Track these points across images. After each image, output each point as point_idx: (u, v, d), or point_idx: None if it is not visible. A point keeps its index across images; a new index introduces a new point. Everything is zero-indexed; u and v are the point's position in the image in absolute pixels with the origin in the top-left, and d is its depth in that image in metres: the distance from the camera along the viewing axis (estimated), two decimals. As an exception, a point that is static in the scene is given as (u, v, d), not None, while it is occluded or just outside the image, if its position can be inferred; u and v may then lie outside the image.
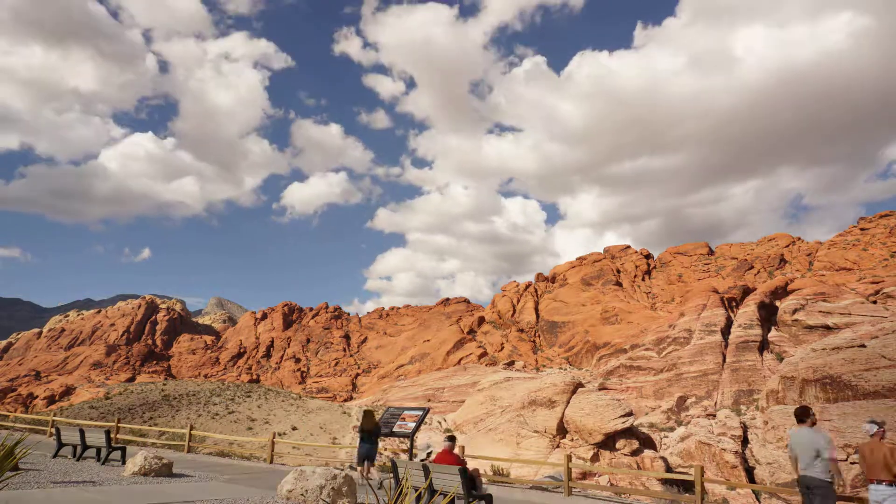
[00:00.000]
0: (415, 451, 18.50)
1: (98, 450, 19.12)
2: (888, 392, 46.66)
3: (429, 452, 14.35)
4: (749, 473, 48.03)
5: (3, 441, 7.66)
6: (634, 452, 39.51)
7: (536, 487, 20.57)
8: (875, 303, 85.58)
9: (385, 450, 25.05)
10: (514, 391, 47.49)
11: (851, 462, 39.11)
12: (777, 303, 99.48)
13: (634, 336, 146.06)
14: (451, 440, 12.94)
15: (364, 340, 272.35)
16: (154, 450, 26.10)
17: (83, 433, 19.04)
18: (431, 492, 10.88)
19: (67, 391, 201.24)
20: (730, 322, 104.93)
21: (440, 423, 79.16)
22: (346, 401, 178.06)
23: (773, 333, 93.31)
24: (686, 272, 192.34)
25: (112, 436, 19.63)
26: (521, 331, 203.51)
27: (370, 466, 17.00)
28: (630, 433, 40.91)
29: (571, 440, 40.91)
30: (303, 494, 11.08)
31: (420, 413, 20.84)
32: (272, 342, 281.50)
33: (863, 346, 51.76)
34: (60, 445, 19.89)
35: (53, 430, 22.93)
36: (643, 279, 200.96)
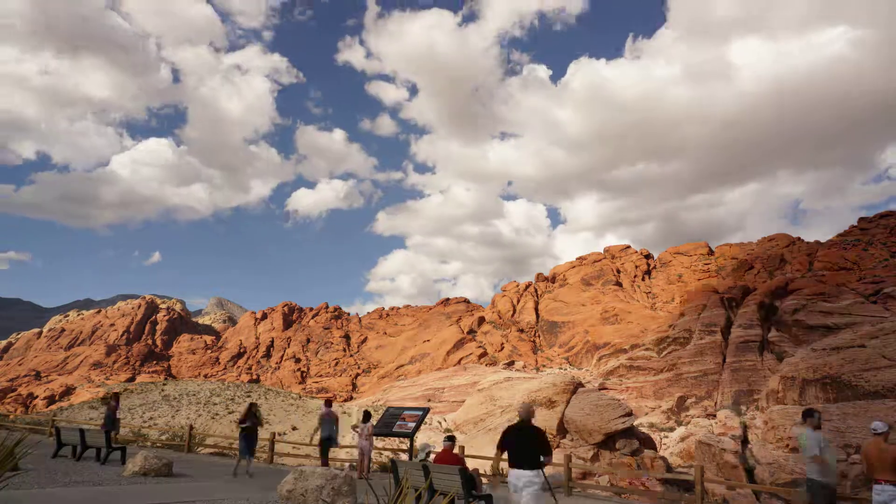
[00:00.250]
0: (415, 452, 18.52)
1: (98, 450, 19.13)
2: (888, 392, 46.67)
3: (427, 452, 14.31)
4: (749, 473, 48.03)
5: (4, 441, 7.66)
6: (634, 452, 39.53)
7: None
8: (875, 303, 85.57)
9: (385, 450, 25.03)
10: (514, 391, 47.49)
11: (852, 462, 39.09)
12: (777, 303, 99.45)
13: (634, 336, 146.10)
14: (451, 440, 12.94)
15: (364, 340, 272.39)
16: (154, 450, 26.10)
17: (83, 433, 19.04)
18: (431, 492, 10.88)
19: (67, 391, 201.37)
20: (730, 322, 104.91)
21: (440, 423, 79.13)
22: (347, 401, 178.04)
23: (773, 333, 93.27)
24: (686, 272, 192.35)
25: (112, 436, 19.62)
26: (521, 331, 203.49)
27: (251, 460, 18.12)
28: (630, 433, 40.93)
29: (571, 440, 40.92)
30: (303, 494, 11.08)
31: (420, 413, 20.85)
32: (272, 342, 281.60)
33: (863, 346, 51.77)
34: (60, 445, 19.89)
35: (53, 430, 22.97)
36: (643, 279, 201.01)
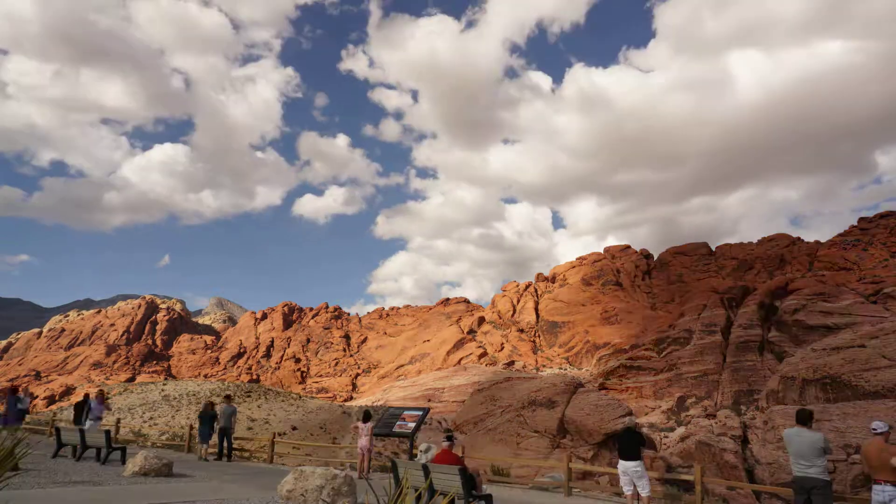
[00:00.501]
0: (415, 452, 18.52)
1: (98, 450, 19.12)
2: (888, 392, 46.64)
3: (428, 447, 14.30)
4: (749, 473, 48.01)
5: (3, 441, 7.66)
6: (634, 452, 39.48)
7: (536, 487, 20.57)
8: (875, 303, 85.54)
9: (385, 450, 25.06)
10: (514, 391, 47.46)
11: (851, 462, 39.08)
12: (777, 303, 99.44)
13: (634, 336, 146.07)
14: (451, 440, 12.93)
15: (364, 340, 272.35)
16: (154, 450, 26.09)
17: (83, 433, 19.05)
18: (431, 492, 10.87)
19: (67, 391, 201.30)
20: (730, 322, 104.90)
21: (440, 423, 79.17)
22: (347, 401, 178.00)
23: (773, 333, 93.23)
24: (686, 272, 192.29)
25: (112, 436, 19.63)
26: (521, 331, 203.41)
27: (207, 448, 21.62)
28: (630, 433, 40.88)
29: (571, 440, 40.91)
30: (303, 494, 11.08)
31: (420, 413, 20.85)
32: (272, 342, 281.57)
33: (863, 346, 51.74)
34: (60, 445, 19.89)
35: (53, 431, 22.95)
36: (643, 279, 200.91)
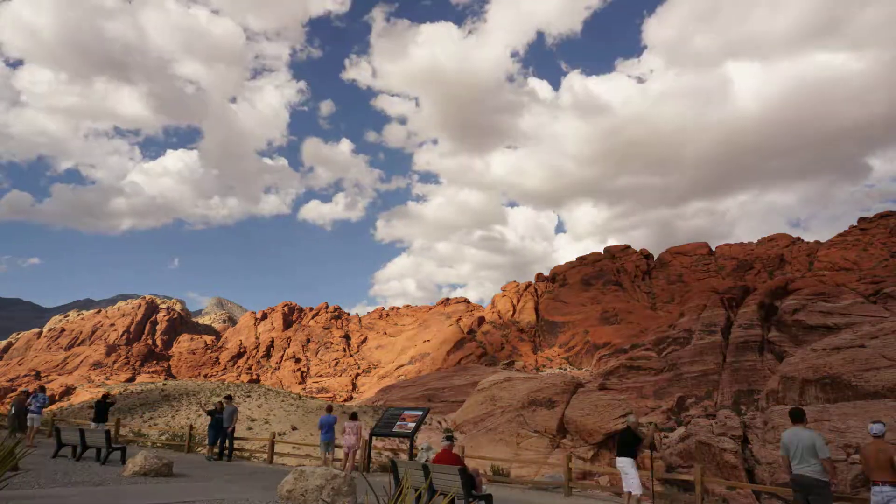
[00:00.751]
0: (415, 452, 18.53)
1: (98, 450, 19.11)
2: (888, 392, 46.64)
3: (428, 447, 14.30)
4: (749, 473, 48.00)
5: (3, 441, 7.67)
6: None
7: (536, 487, 20.58)
8: (875, 303, 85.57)
9: (385, 450, 25.06)
10: (514, 391, 47.46)
11: (851, 462, 39.06)
12: (777, 303, 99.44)
13: (634, 336, 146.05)
14: (450, 440, 12.93)
15: (364, 340, 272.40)
16: (154, 450, 26.09)
17: (83, 433, 19.03)
18: (431, 492, 10.87)
19: (67, 391, 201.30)
20: (730, 322, 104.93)
21: (440, 423, 79.18)
22: (347, 401, 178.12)
23: (773, 333, 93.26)
24: (686, 272, 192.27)
25: (112, 436, 19.63)
26: (521, 331, 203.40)
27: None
28: (630, 433, 40.91)
29: (571, 440, 40.92)
30: (303, 494, 11.08)
31: (420, 413, 20.86)
32: (272, 342, 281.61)
33: (863, 347, 51.75)
34: (60, 445, 19.89)
35: (53, 431, 22.97)
36: (643, 279, 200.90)
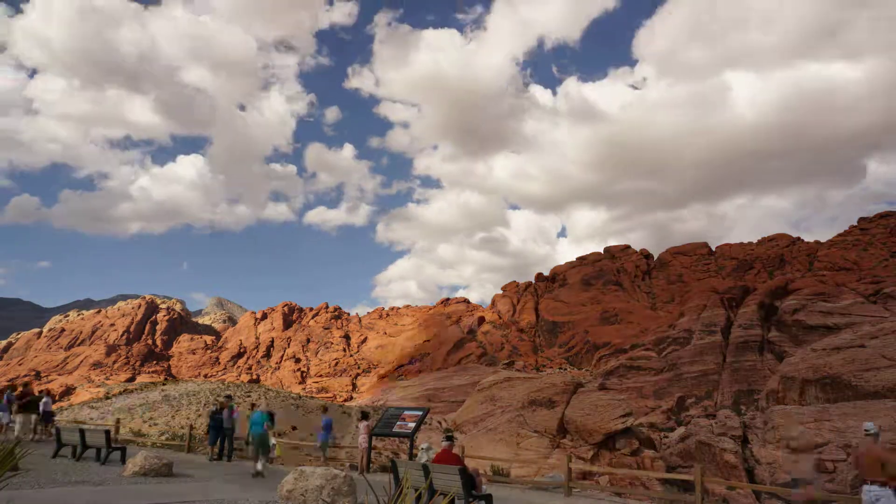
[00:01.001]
0: (415, 451, 18.52)
1: (98, 450, 19.12)
2: (888, 392, 46.66)
3: (428, 447, 14.29)
4: (749, 473, 48.00)
5: (3, 441, 7.67)
6: (634, 452, 39.53)
7: (536, 487, 20.58)
8: (875, 303, 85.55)
9: (385, 450, 25.06)
10: (514, 391, 47.46)
11: (851, 462, 39.03)
12: (777, 303, 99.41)
13: (634, 336, 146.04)
14: (450, 440, 12.93)
15: (364, 340, 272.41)
16: (154, 450, 26.09)
17: (83, 433, 19.03)
18: (431, 492, 10.87)
19: (67, 391, 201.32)
20: (730, 322, 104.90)
21: (440, 423, 79.18)
22: (347, 401, 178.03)
23: (773, 333, 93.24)
24: (686, 272, 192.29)
25: (112, 436, 19.63)
26: (521, 331, 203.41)
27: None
28: (630, 433, 40.94)
29: (571, 440, 40.91)
30: (303, 494, 11.08)
31: (420, 413, 20.87)
32: (272, 342, 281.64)
33: (863, 347, 51.78)
34: (60, 446, 19.88)
35: (53, 431, 22.99)
36: (643, 279, 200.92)
